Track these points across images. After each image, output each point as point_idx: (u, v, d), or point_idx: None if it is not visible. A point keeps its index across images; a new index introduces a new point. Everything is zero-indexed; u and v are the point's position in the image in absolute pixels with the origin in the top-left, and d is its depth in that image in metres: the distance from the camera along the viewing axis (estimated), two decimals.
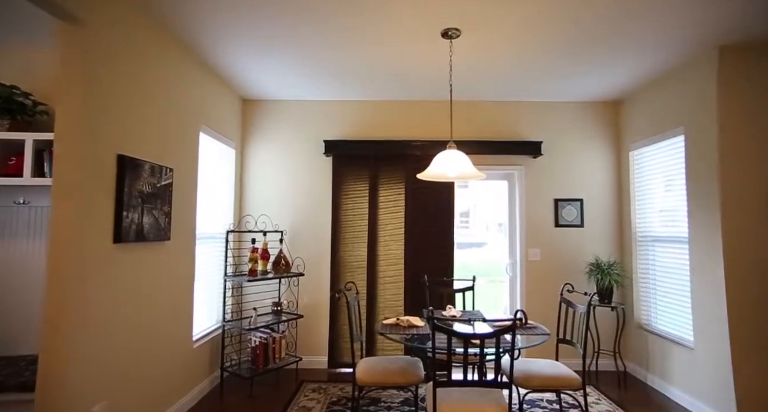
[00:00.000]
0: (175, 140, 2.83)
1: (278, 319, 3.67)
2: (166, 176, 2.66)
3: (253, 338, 3.57)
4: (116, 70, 2.22)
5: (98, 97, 2.09)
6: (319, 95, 4.00)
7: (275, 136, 4.12)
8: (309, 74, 3.44)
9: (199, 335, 3.26)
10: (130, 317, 2.36)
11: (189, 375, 3.06)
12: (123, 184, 2.23)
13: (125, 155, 2.26)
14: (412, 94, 3.96)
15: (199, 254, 3.29)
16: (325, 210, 4.05)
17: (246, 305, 3.82)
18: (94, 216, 2.07)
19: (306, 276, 3.98)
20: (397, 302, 3.96)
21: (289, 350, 3.86)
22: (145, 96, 2.49)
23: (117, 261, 2.23)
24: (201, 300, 3.36)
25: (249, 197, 4.09)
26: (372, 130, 4.11)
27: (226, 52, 3.01)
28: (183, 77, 2.94)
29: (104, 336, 2.15)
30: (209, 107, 3.38)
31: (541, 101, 4.10)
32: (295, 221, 4.06)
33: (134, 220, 2.32)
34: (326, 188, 4.07)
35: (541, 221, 4.05)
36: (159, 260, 2.64)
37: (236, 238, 3.88)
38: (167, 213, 2.67)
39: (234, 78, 3.54)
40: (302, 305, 3.98)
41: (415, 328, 2.65)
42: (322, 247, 4.04)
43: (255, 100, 4.12)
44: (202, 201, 3.34)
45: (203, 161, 3.35)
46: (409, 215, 3.99)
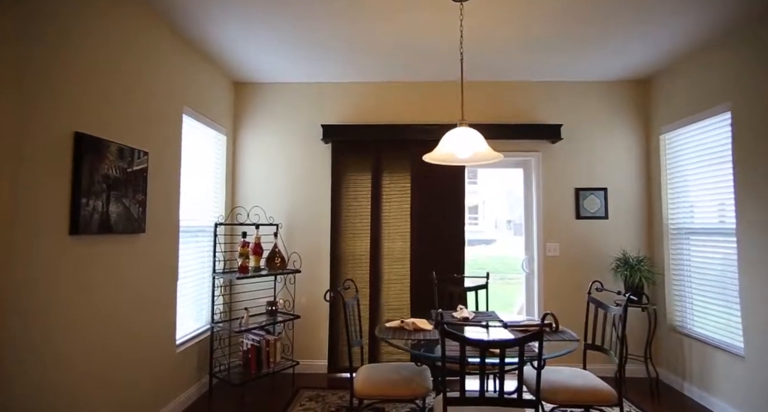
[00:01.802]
0: (150, 121, 2.52)
1: (273, 320, 3.36)
2: (140, 160, 2.35)
3: (245, 341, 3.26)
4: (73, 38, 1.90)
5: (46, 65, 1.78)
6: (317, 77, 3.67)
7: (269, 122, 3.80)
8: (306, 53, 3.11)
9: (184, 338, 2.96)
10: (96, 319, 2.05)
11: (172, 382, 2.76)
12: (81, 167, 1.92)
13: (84, 133, 1.95)
14: (418, 75, 3.61)
15: (185, 249, 2.99)
16: (324, 201, 3.73)
17: (238, 305, 3.52)
18: (42, 203, 1.76)
19: (303, 273, 3.66)
20: (402, 302, 3.63)
21: (286, 353, 3.56)
22: (113, 69, 2.17)
23: (76, 256, 1.93)
24: (186, 300, 3.06)
25: (241, 188, 3.78)
26: (374, 115, 3.77)
27: (209, 24, 2.69)
28: (162, 53, 2.63)
29: (62, 344, 1.84)
30: (194, 88, 3.07)
31: (561, 81, 3.72)
32: (291, 213, 3.75)
33: (97, 208, 2.01)
34: (325, 178, 3.74)
35: (561, 213, 3.69)
36: (132, 255, 2.34)
37: (227, 232, 3.58)
38: (141, 202, 2.37)
39: (222, 57, 3.22)
40: (299, 305, 3.66)
41: (421, 332, 2.31)
42: (320, 242, 3.72)
43: (247, 83, 3.81)
44: (187, 191, 3.04)
45: (188, 147, 3.04)
46: (416, 205, 3.65)
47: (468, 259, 3.64)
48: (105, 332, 2.13)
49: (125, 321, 2.29)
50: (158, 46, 2.59)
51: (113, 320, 2.19)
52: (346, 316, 2.39)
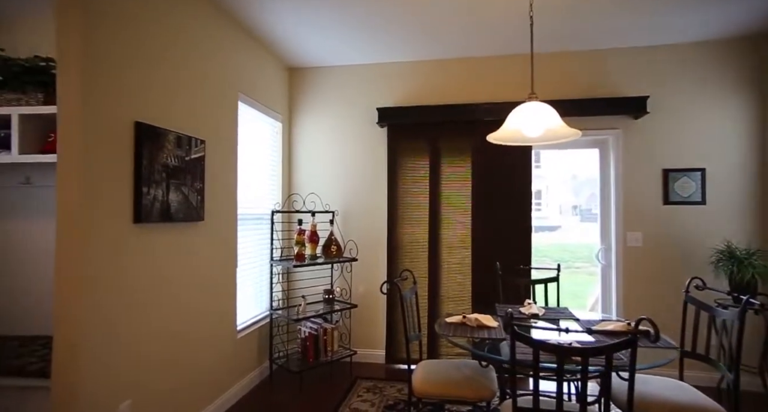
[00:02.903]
0: (207, 110, 2.52)
1: (330, 308, 3.33)
2: (197, 149, 2.36)
3: (302, 329, 3.27)
4: (132, 28, 1.90)
5: (108, 56, 1.78)
6: (371, 57, 3.50)
7: (324, 107, 3.72)
8: (360, 33, 2.95)
9: (244, 324, 3.01)
10: (159, 305, 2.10)
11: (234, 367, 2.82)
12: (141, 156, 1.93)
13: (144, 123, 1.96)
14: (479, 50, 3.31)
15: (243, 237, 3.02)
16: (380, 187, 3.60)
17: (295, 293, 3.53)
18: (108, 192, 1.79)
19: (360, 261, 3.58)
20: (463, 292, 3.43)
21: (343, 342, 3.52)
22: (171, 60, 2.17)
23: (139, 243, 1.97)
24: (246, 287, 3.10)
25: (297, 174, 3.75)
26: (432, 95, 3.54)
27: (263, 8, 2.61)
28: (217, 41, 2.61)
29: (128, 326, 1.90)
30: (249, 75, 3.05)
31: (647, 46, 3.23)
32: (346, 200, 3.67)
33: (158, 197, 2.04)
34: (381, 163, 3.60)
35: (645, 198, 3.24)
36: (192, 243, 2.37)
37: (284, 219, 3.58)
38: (199, 190, 2.38)
39: (277, 42, 3.16)
40: (356, 294, 3.60)
41: (486, 329, 2.11)
42: (377, 229, 3.61)
43: (302, 67, 3.74)
44: (244, 178, 3.05)
45: (244, 135, 3.04)
46: (477, 190, 3.40)
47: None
48: (170, 317, 2.18)
49: (188, 306, 2.34)
50: (213, 33, 2.57)
51: (177, 305, 2.24)
52: (403, 309, 2.26)
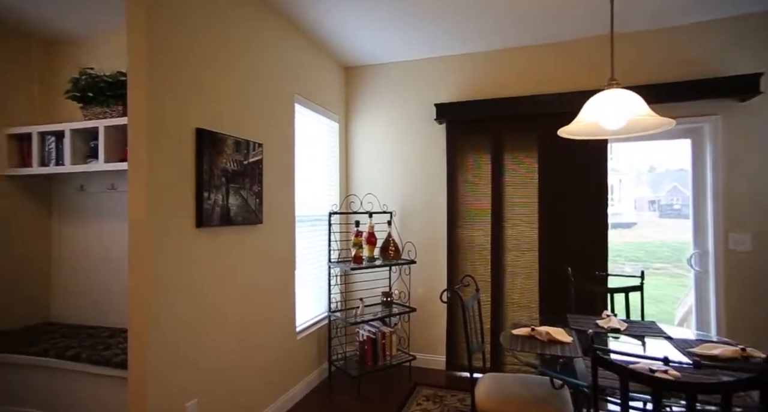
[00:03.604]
0: (264, 113, 2.54)
1: (388, 311, 3.26)
2: (255, 152, 2.38)
3: (360, 332, 3.22)
4: (190, 35, 1.94)
5: (170, 64, 1.83)
6: (428, 51, 3.35)
7: (381, 106, 3.64)
8: (416, 26, 2.82)
9: (303, 325, 3.03)
10: (222, 306, 2.15)
11: (293, 368, 2.84)
12: (202, 162, 1.97)
13: (204, 129, 2.00)
14: (547, 35, 3.02)
15: (302, 238, 3.03)
16: (439, 187, 3.44)
17: (353, 295, 3.50)
18: (173, 198, 1.85)
19: (419, 264, 3.47)
20: (529, 298, 3.18)
21: (401, 346, 3.43)
22: (227, 64, 2.20)
23: (201, 247, 2.01)
24: (305, 288, 3.12)
25: (354, 175, 3.72)
26: (494, 88, 3.31)
27: (318, 7, 2.58)
28: (273, 44, 2.62)
29: (193, 327, 1.95)
30: (306, 76, 3.04)
31: (752, 12, 2.74)
32: (404, 200, 3.56)
33: (218, 201, 2.07)
34: (440, 161, 3.45)
35: (754, 195, 2.77)
36: (251, 245, 2.40)
37: (341, 220, 3.56)
38: (258, 193, 2.41)
39: (332, 41, 3.13)
40: (415, 297, 3.49)
41: (558, 345, 1.89)
42: (436, 230, 3.46)
43: (357, 66, 3.69)
44: (302, 180, 3.06)
45: (301, 136, 3.05)
46: (544, 188, 3.13)
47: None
48: (232, 317, 2.22)
49: (249, 307, 2.38)
50: (269, 37, 2.58)
51: (239, 306, 2.28)
52: (465, 318, 2.10)
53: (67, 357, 2.39)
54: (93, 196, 2.95)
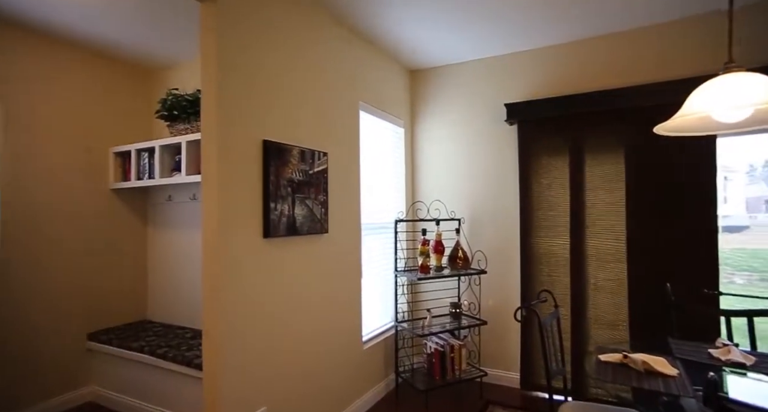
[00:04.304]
0: (329, 122, 2.56)
1: (457, 323, 3.11)
2: (320, 161, 2.41)
3: (428, 344, 3.11)
4: (255, 47, 2.01)
5: (237, 78, 1.91)
6: (496, 49, 3.17)
7: (447, 109, 3.51)
8: (484, 23, 2.67)
9: (369, 335, 3.00)
10: (289, 315, 2.18)
11: (360, 378, 2.82)
12: (269, 173, 2.02)
13: (270, 141, 2.05)
14: (636, 18, 2.69)
15: (368, 247, 3.01)
16: (511, 192, 3.23)
17: (420, 305, 3.40)
18: (241, 209, 1.91)
19: (489, 274, 3.27)
20: (616, 318, 2.83)
21: (471, 360, 3.26)
22: (292, 77, 2.25)
23: (269, 256, 2.06)
24: (371, 297, 3.09)
25: (421, 181, 3.63)
26: (571, 83, 3.02)
27: (381, 10, 2.55)
28: (337, 52, 2.64)
29: (262, 335, 2.00)
30: (370, 82, 3.03)
31: None
32: (473, 206, 3.39)
33: (284, 212, 2.11)
34: (511, 164, 3.23)
35: None
36: (317, 254, 2.42)
37: (408, 228, 3.49)
38: (323, 203, 2.42)
39: (396, 45, 3.08)
40: (486, 309, 3.29)
41: (659, 377, 1.62)
42: (508, 238, 3.24)
43: (422, 69, 3.61)
44: (367, 187, 3.04)
45: (366, 143, 3.04)
46: (634, 192, 2.78)
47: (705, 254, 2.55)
48: (299, 326, 2.25)
49: (316, 316, 2.39)
50: (333, 45, 2.61)
51: (306, 315, 2.31)
52: (543, 338, 1.91)
53: (158, 355, 2.60)
54: (178, 206, 3.21)
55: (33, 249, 2.74)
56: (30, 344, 2.72)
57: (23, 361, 2.68)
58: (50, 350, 2.82)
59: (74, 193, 2.96)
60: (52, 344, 2.83)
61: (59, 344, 2.87)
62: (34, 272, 2.75)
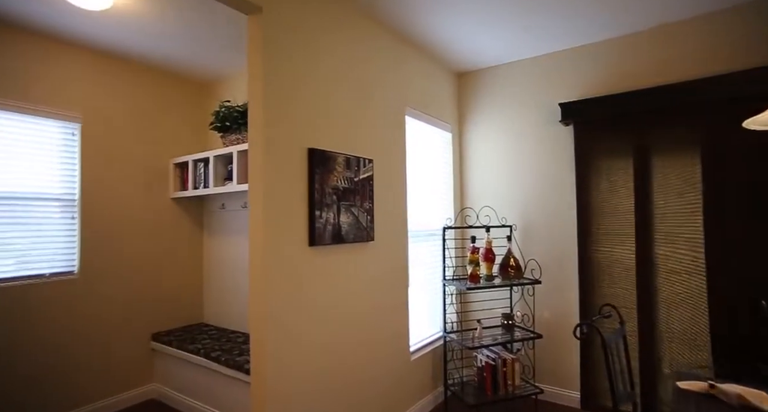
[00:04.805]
0: (374, 128, 2.53)
1: (510, 336, 2.94)
2: (365, 168, 2.38)
3: (479, 356, 2.97)
4: (300, 56, 2.03)
5: (282, 87, 1.93)
6: (548, 46, 2.99)
7: (497, 111, 3.37)
8: (535, 18, 2.53)
9: (417, 345, 2.91)
10: (335, 324, 2.16)
11: (407, 390, 2.74)
12: (314, 181, 2.02)
13: (315, 148, 2.05)
14: (702, 3, 2.42)
15: (415, 255, 2.94)
16: (568, 197, 3.02)
17: (470, 315, 3.26)
18: (287, 217, 1.92)
19: (544, 284, 3.07)
20: (694, 338, 2.54)
21: (525, 375, 3.07)
22: (336, 81, 2.25)
23: (315, 265, 2.06)
24: (418, 306, 3.01)
25: (469, 187, 3.50)
26: (633, 78, 2.78)
27: (426, 14, 2.50)
28: (383, 58, 2.62)
29: (307, 343, 2.00)
30: (416, 87, 2.98)
31: None
32: (526, 213, 3.21)
33: (329, 220, 2.10)
34: (567, 168, 3.03)
35: None
36: (363, 263, 2.39)
37: (456, 235, 3.37)
38: (369, 210, 2.39)
39: (442, 48, 3.01)
40: (540, 321, 3.09)
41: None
42: (565, 246, 3.03)
43: (470, 71, 3.49)
44: (414, 194, 2.98)
45: (413, 149, 2.98)
46: (713, 195, 2.48)
47: None
48: (345, 336, 2.22)
49: (363, 326, 2.36)
50: (378, 51, 2.58)
51: (352, 324, 2.28)
52: (608, 358, 1.73)
53: (211, 358, 2.69)
54: (231, 214, 3.33)
55: (106, 258, 2.96)
56: (103, 343, 2.92)
57: (97, 359, 2.89)
58: (120, 350, 3.02)
59: (139, 203, 3.16)
60: (122, 343, 3.03)
61: (128, 344, 3.06)
62: (107, 279, 2.96)
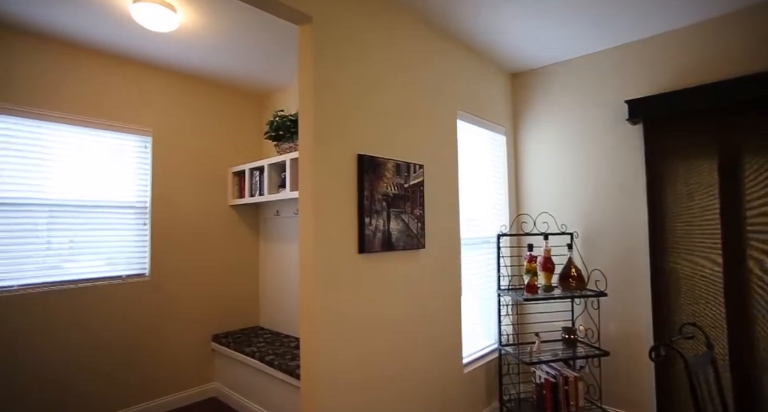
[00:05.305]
0: (425, 133, 2.47)
1: (572, 352, 2.73)
2: (416, 174, 2.33)
3: (537, 372, 2.78)
4: (349, 62, 2.03)
5: (332, 93, 1.93)
6: (610, 40, 2.77)
7: (554, 112, 3.18)
8: (596, 8, 2.36)
9: (470, 357, 2.79)
10: (385, 333, 2.12)
11: (460, 404, 2.62)
12: (363, 188, 2.00)
13: (365, 155, 2.04)
14: None
15: (467, 263, 2.84)
16: (636, 202, 2.76)
17: (527, 328, 3.08)
18: (337, 224, 1.92)
19: (610, 297, 2.83)
20: None
21: (590, 396, 2.83)
22: (386, 86, 2.22)
23: (365, 273, 2.03)
24: (471, 317, 2.89)
25: (525, 192, 3.32)
26: (707, 70, 2.49)
27: (476, 12, 2.41)
28: (433, 60, 2.56)
29: (357, 352, 1.97)
30: (468, 89, 2.88)
31: None
32: (588, 219, 2.98)
33: (379, 227, 2.07)
34: (635, 170, 2.78)
35: None
36: (414, 271, 2.33)
37: (512, 243, 3.21)
38: (419, 217, 2.33)
39: (495, 47, 2.89)
40: (607, 337, 2.85)
41: None
42: (634, 256, 2.77)
43: (525, 71, 3.33)
44: (466, 200, 2.88)
45: (464, 153, 2.88)
46: None
47: None
48: (395, 345, 2.17)
49: (413, 335, 2.29)
50: (428, 54, 2.53)
51: (402, 334, 2.22)
52: (694, 388, 1.52)
53: (266, 361, 2.76)
54: (284, 221, 3.42)
55: (172, 262, 3.15)
56: (170, 342, 3.11)
57: (165, 356, 3.08)
58: (184, 348, 3.19)
59: (201, 210, 3.34)
60: (186, 343, 3.20)
61: (191, 344, 3.24)
62: (173, 281, 3.15)
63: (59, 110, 2.67)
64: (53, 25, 2.45)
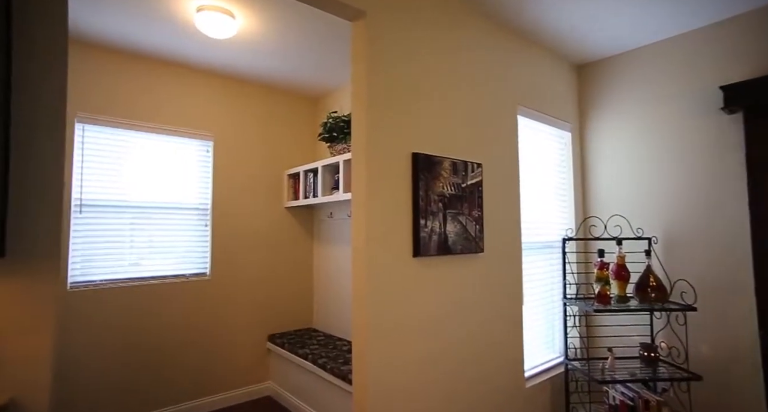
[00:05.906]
0: (483, 130, 2.32)
1: (652, 372, 2.43)
2: (473, 174, 2.19)
3: (611, 392, 2.51)
4: (403, 58, 1.94)
5: (385, 90, 1.86)
6: (695, 19, 2.45)
7: (627, 105, 2.88)
8: None
9: (533, 371, 2.58)
10: (441, 342, 2.00)
11: None
12: (418, 188, 1.90)
13: (419, 153, 1.94)
14: None
15: (529, 268, 2.63)
16: (734, 205, 2.40)
17: (598, 341, 2.80)
18: (390, 226, 1.83)
19: (701, 312, 2.48)
20: None
21: None
22: (441, 82, 2.11)
23: (420, 278, 1.92)
24: (533, 327, 2.68)
25: (594, 193, 3.04)
26: None
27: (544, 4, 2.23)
28: (491, 55, 2.41)
29: (411, 360, 1.87)
30: (529, 84, 2.69)
31: None
32: (670, 223, 2.65)
33: (434, 229, 1.96)
34: (729, 166, 2.42)
35: None
36: (471, 276, 2.18)
37: (579, 248, 2.94)
38: (477, 219, 2.19)
39: (561, 39, 2.68)
40: (697, 357, 2.50)
41: None
42: (731, 265, 2.41)
43: (592, 62, 3.06)
44: (528, 201, 2.68)
45: (525, 152, 2.69)
46: None
47: None
48: (450, 354, 2.04)
49: (470, 344, 2.15)
50: (486, 48, 2.39)
51: (459, 342, 2.08)
52: None
53: (318, 364, 2.74)
54: (337, 222, 3.40)
55: (231, 262, 3.25)
56: (229, 340, 3.20)
57: (224, 354, 3.17)
58: (242, 347, 3.27)
59: (258, 212, 3.42)
60: (244, 341, 3.28)
61: (249, 343, 3.31)
62: (231, 281, 3.25)
63: (133, 118, 2.85)
64: (125, 38, 2.62)
